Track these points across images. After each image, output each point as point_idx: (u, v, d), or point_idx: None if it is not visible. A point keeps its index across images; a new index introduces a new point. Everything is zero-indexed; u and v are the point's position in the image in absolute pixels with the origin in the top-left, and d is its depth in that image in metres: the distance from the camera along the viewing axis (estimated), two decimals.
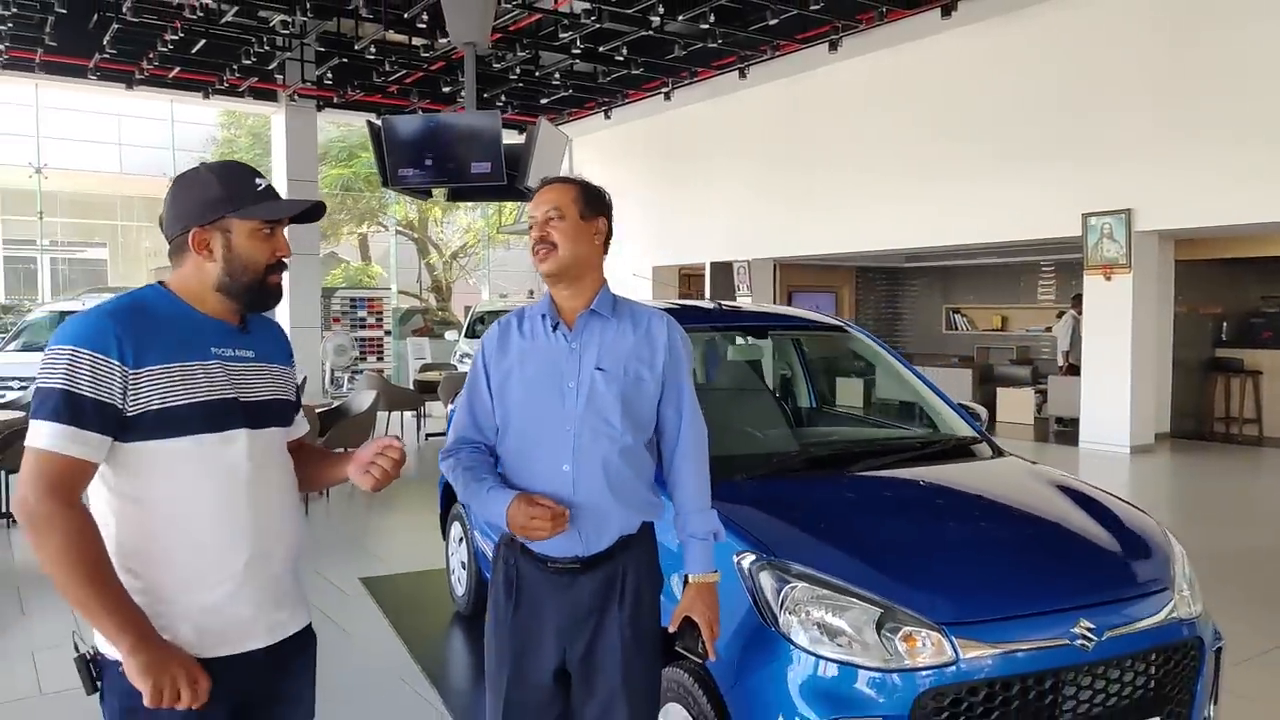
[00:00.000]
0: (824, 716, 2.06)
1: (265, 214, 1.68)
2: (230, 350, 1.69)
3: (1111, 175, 9.79)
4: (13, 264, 27.97)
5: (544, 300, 2.11)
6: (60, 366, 1.52)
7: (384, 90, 14.15)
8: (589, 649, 2.01)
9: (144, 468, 1.60)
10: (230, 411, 1.65)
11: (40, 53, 12.01)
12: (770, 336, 3.81)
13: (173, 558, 1.62)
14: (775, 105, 13.52)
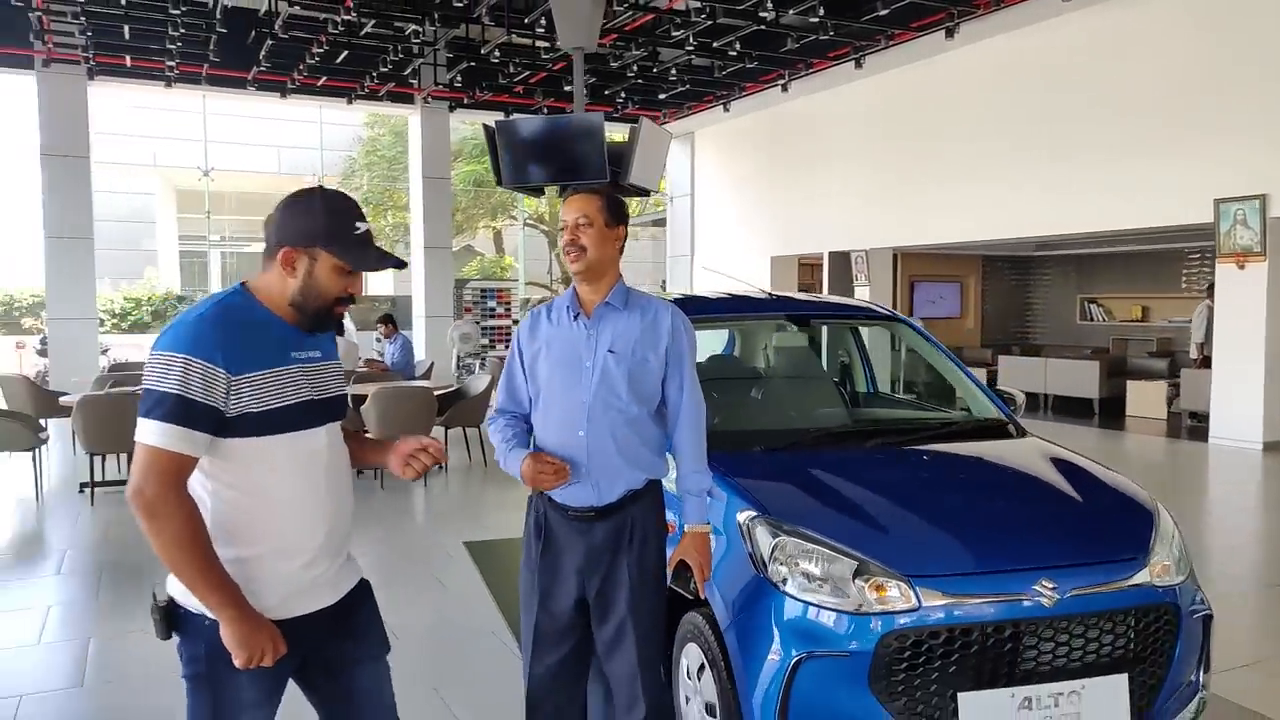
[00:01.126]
0: (802, 650, 2.37)
1: (350, 262, 1.87)
2: (304, 353, 1.89)
3: (1246, 159, 9.30)
4: (187, 258, 30.77)
5: (569, 293, 2.49)
6: (174, 373, 1.71)
7: (510, 90, 14.86)
8: (603, 584, 2.40)
9: (238, 459, 1.81)
10: (312, 410, 1.88)
11: (206, 67, 13.32)
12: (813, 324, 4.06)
13: (262, 535, 1.84)
14: (893, 94, 13.40)
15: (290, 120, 27.14)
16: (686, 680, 2.85)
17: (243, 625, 1.76)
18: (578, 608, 2.42)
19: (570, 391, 2.39)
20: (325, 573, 1.94)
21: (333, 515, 1.94)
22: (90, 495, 7.24)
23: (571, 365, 2.40)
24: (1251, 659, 4.08)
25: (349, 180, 28.07)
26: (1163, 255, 14.03)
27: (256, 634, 1.78)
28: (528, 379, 2.51)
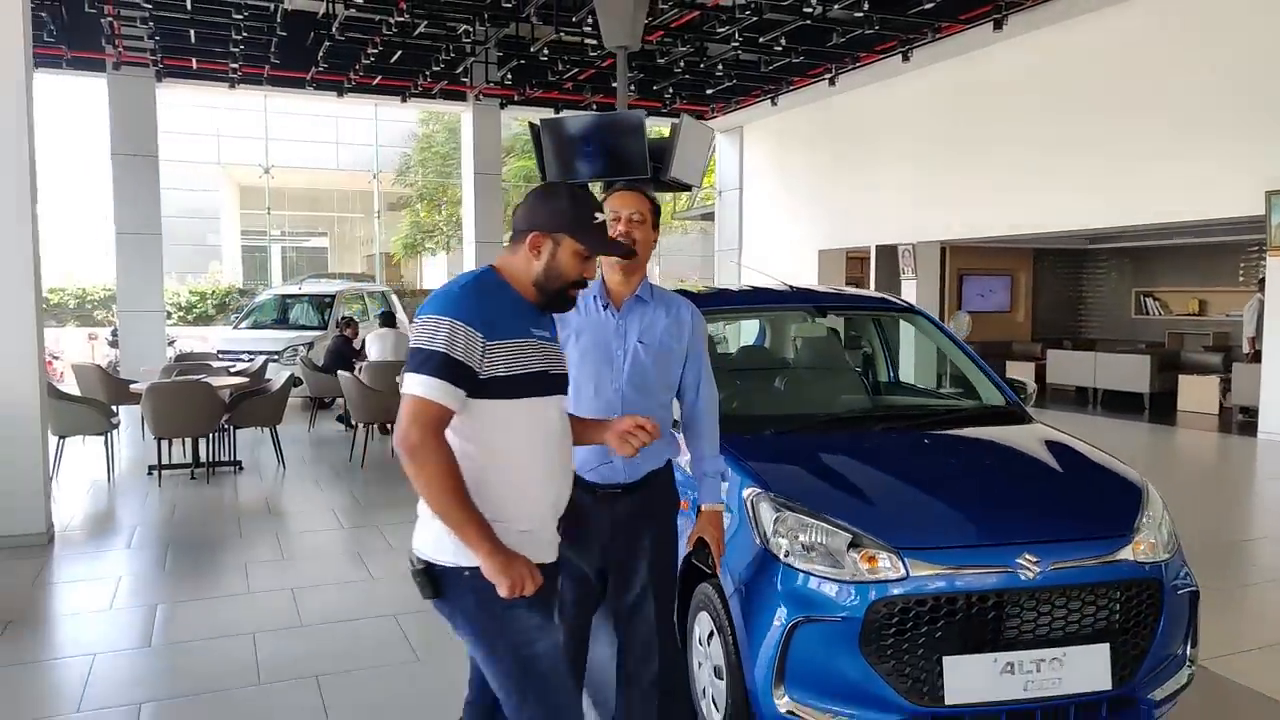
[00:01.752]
0: (798, 614, 2.54)
1: (590, 245, 2.09)
2: (541, 331, 2.10)
3: None
4: (249, 252, 31.69)
5: (597, 284, 2.63)
6: (441, 333, 1.92)
7: (559, 87, 15.11)
8: (626, 554, 2.60)
9: (483, 420, 1.99)
10: (546, 381, 2.07)
11: (267, 68, 13.79)
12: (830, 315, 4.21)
13: (504, 492, 2.01)
14: (942, 86, 13.33)
15: (347, 117, 27.73)
16: (698, 646, 3.04)
17: (499, 557, 1.93)
18: (597, 578, 2.61)
19: (603, 378, 2.56)
20: (550, 535, 2.13)
21: (560, 483, 2.13)
22: (158, 477, 7.66)
23: (603, 352, 2.57)
24: (1266, 641, 4.15)
25: (404, 176, 28.63)
26: (1220, 248, 13.73)
27: (513, 563, 1.94)
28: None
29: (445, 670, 3.83)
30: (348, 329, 11.10)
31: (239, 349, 12.59)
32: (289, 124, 26.85)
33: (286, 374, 8.93)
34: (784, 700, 2.55)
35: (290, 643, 4.17)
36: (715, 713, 2.90)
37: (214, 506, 6.93)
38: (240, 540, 5.96)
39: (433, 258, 31.84)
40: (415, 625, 4.33)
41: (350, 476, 8.01)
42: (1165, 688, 2.71)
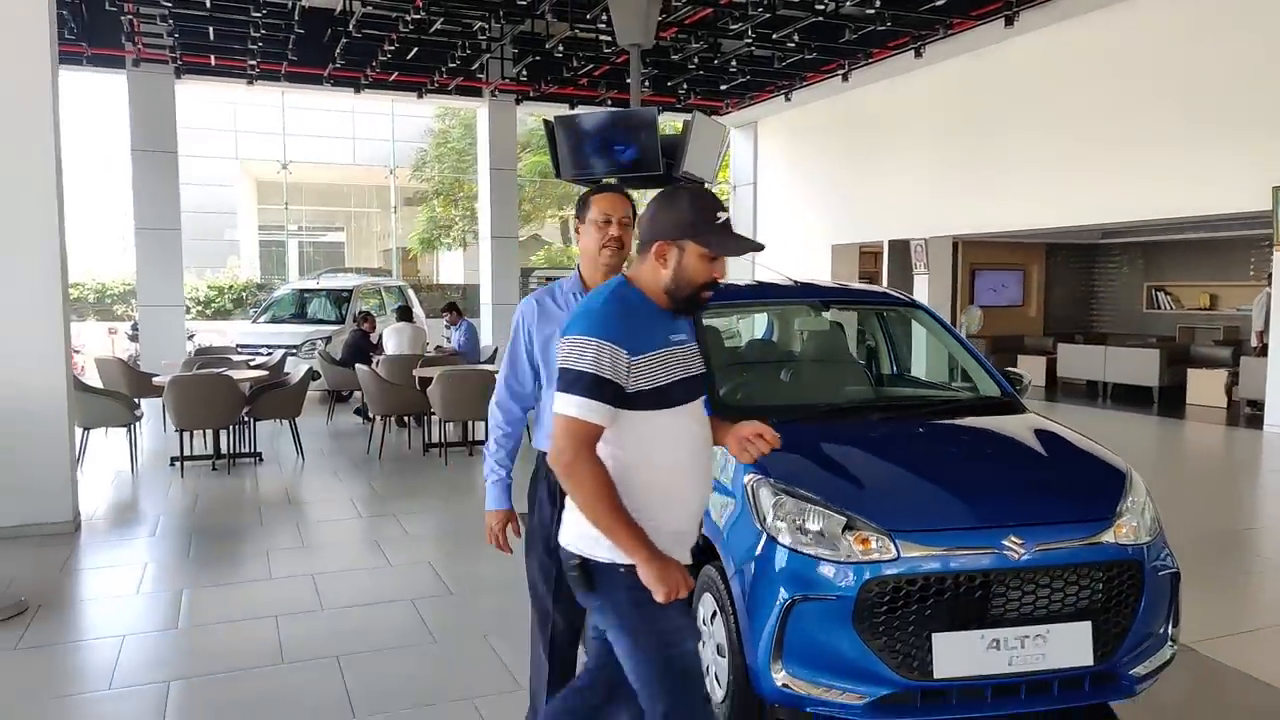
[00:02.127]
0: (795, 593, 2.67)
1: (714, 247, 2.12)
2: (676, 336, 2.17)
3: None
4: (266, 247, 31.99)
5: (575, 281, 2.74)
6: (589, 354, 2.01)
7: (574, 83, 15.23)
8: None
9: (631, 430, 2.08)
10: (686, 387, 2.14)
11: (285, 65, 13.97)
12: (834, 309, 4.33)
13: (655, 496, 2.09)
14: (954, 82, 13.36)
15: (363, 113, 27.88)
16: (702, 626, 3.17)
17: (656, 563, 2.02)
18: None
19: None
20: (689, 534, 2.22)
21: (704, 483, 2.22)
22: (180, 468, 7.83)
23: None
24: (1258, 625, 4.26)
25: (420, 171, 28.84)
26: (1231, 242, 13.70)
27: (669, 570, 2.04)
28: (540, 362, 2.71)
29: (462, 652, 3.98)
30: (365, 323, 11.28)
31: (258, 343, 12.78)
32: (306, 120, 27.04)
33: (305, 367, 9.10)
34: (781, 675, 2.68)
35: (311, 625, 4.31)
36: (718, 689, 3.03)
37: (235, 496, 7.10)
38: (261, 529, 6.12)
39: (449, 253, 32.06)
40: (432, 610, 4.48)
41: (368, 468, 8.18)
42: (1147, 665, 2.82)
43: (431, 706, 3.44)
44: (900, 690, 2.61)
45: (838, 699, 2.63)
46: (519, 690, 3.51)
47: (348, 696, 3.51)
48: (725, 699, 2.97)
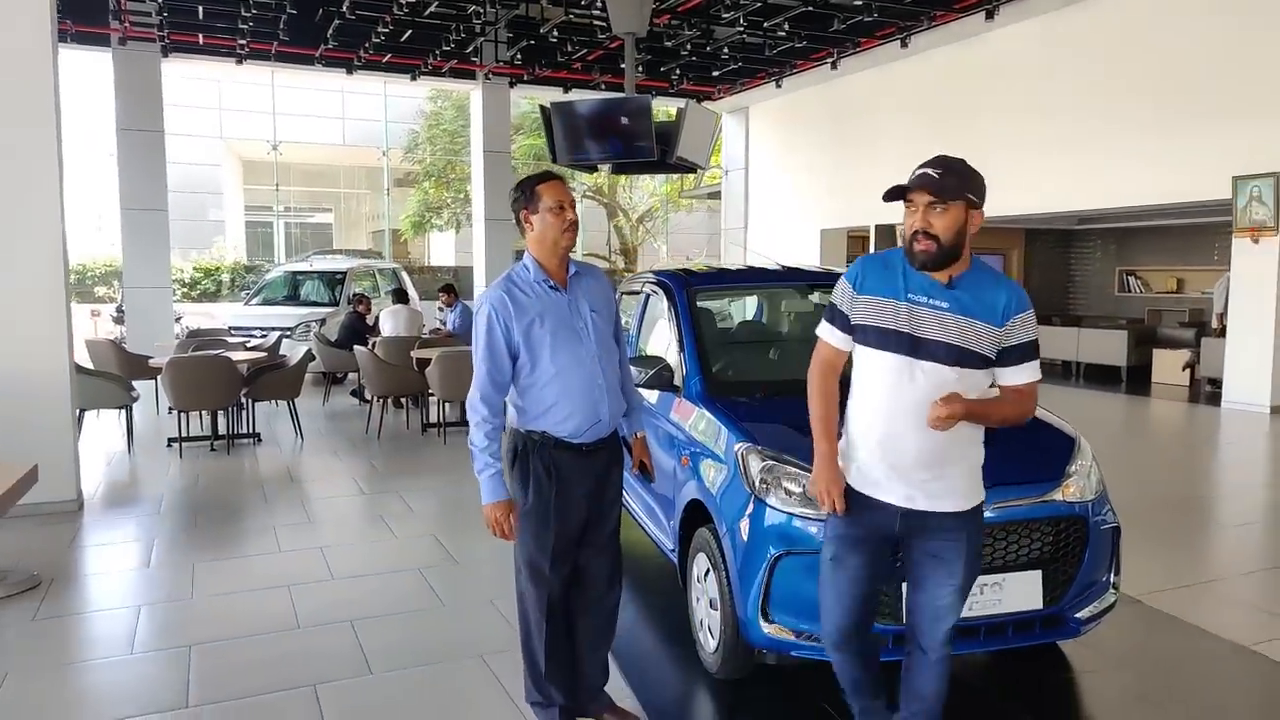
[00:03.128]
0: (780, 549, 2.94)
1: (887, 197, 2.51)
2: (930, 299, 2.36)
3: (1263, 138, 9.53)
4: (252, 228, 31.89)
5: (533, 269, 2.84)
6: (835, 290, 2.53)
7: (568, 67, 15.35)
8: (602, 501, 2.95)
9: (858, 361, 2.50)
10: (903, 341, 2.36)
11: (275, 45, 13.92)
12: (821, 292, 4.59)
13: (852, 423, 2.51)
14: (938, 72, 13.61)
15: (353, 93, 27.68)
16: (696, 583, 3.44)
17: (819, 464, 2.51)
18: (580, 526, 2.92)
19: (576, 353, 2.82)
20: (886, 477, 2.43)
21: (886, 424, 2.42)
22: (179, 449, 7.99)
23: (568, 330, 2.82)
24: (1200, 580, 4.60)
25: (412, 153, 28.85)
26: (1196, 229, 14.14)
27: (822, 474, 2.49)
28: (523, 350, 2.79)
29: (469, 615, 4.23)
30: (360, 305, 11.45)
31: (251, 325, 12.81)
32: (294, 99, 26.83)
33: (304, 349, 9.28)
34: (770, 624, 2.94)
35: (324, 593, 4.53)
36: (710, 639, 3.30)
37: (237, 476, 7.26)
38: (266, 506, 6.30)
39: (440, 235, 32.10)
40: (439, 578, 4.72)
41: (367, 447, 8.38)
42: (1091, 609, 3.13)
43: (444, 663, 3.68)
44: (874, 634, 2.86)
45: (819, 644, 2.89)
46: None
47: (364, 655, 3.75)
48: (717, 648, 3.24)
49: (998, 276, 2.48)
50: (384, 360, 9.03)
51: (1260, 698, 3.42)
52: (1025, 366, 2.41)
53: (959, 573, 2.46)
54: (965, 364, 2.36)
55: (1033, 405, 2.46)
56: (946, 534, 2.45)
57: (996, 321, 2.37)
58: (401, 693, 3.42)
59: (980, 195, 2.48)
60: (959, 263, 2.42)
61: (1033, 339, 2.41)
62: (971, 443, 2.47)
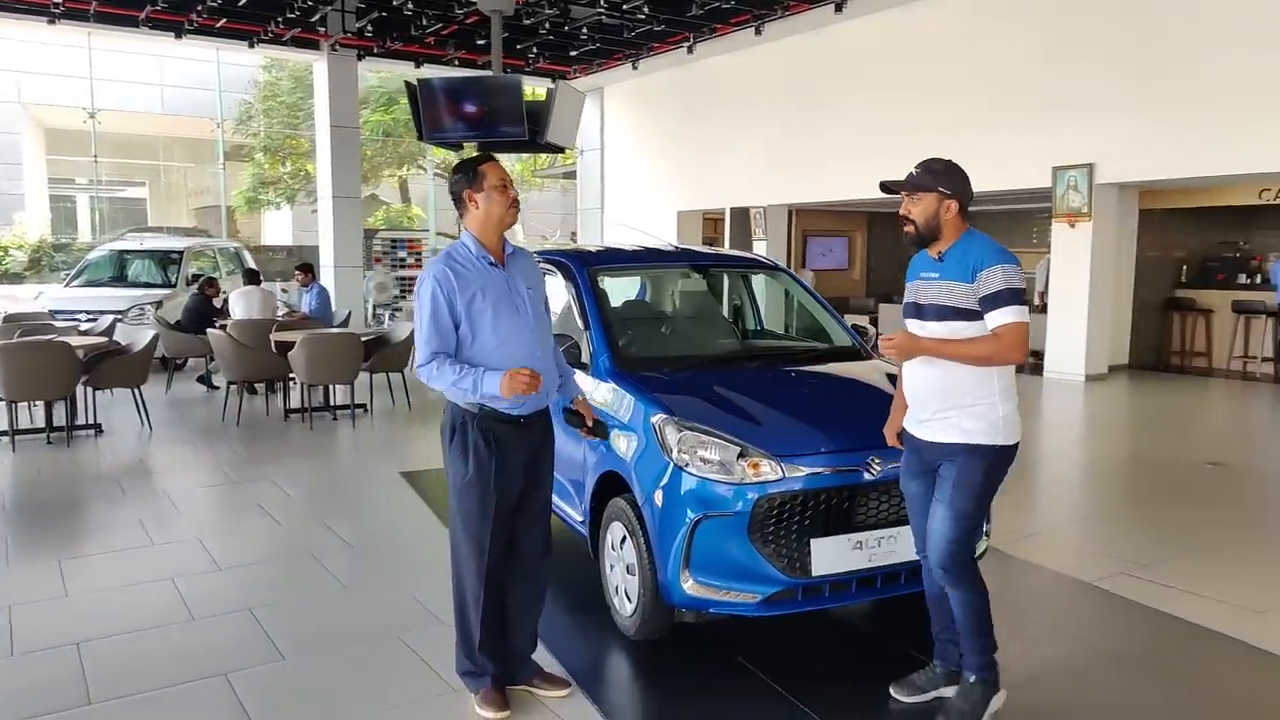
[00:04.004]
0: (700, 512, 3.15)
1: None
2: (929, 274, 2.96)
3: (1079, 132, 10.59)
4: (57, 202, 29.09)
5: (473, 246, 2.96)
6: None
7: (421, 41, 14.98)
8: (538, 469, 3.10)
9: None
10: (910, 309, 3.01)
11: (94, 3, 12.79)
12: (713, 273, 4.87)
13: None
14: (790, 60, 14.21)
15: (173, 57, 25.68)
16: (611, 551, 3.61)
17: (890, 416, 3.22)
18: (517, 495, 3.05)
19: (516, 324, 2.96)
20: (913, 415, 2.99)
21: (907, 372, 2.99)
22: (11, 443, 7.39)
23: (508, 304, 2.96)
24: (1039, 530, 5.19)
25: (244, 125, 27.28)
26: (1020, 214, 15.51)
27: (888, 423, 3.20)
28: (465, 322, 2.90)
29: (377, 597, 4.23)
30: (209, 288, 10.86)
31: (75, 308, 11.82)
32: (103, 62, 24.55)
33: (150, 333, 8.74)
34: (690, 583, 3.16)
35: (213, 584, 4.40)
36: (627, 604, 3.48)
37: (85, 469, 6.81)
38: (126, 498, 5.97)
39: (277, 212, 30.54)
40: (334, 561, 4.68)
41: (227, 435, 8.03)
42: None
43: (360, 643, 3.67)
44: (786, 588, 3.15)
45: (736, 599, 3.15)
46: (440, 624, 3.82)
47: (271, 641, 3.70)
48: (635, 611, 3.43)
49: (980, 244, 2.91)
50: (242, 344, 8.64)
51: (1111, 628, 3.90)
52: (996, 312, 2.78)
53: (950, 495, 2.85)
54: (948, 319, 2.85)
55: (1008, 345, 2.78)
56: (950, 461, 2.88)
57: (968, 279, 2.82)
58: (323, 675, 3.41)
59: (954, 188, 2.91)
60: (944, 240, 2.92)
61: (999, 289, 2.78)
62: (973, 391, 2.84)
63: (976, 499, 2.86)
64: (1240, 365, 11.64)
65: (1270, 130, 9.07)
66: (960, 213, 2.90)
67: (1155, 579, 4.33)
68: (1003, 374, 2.88)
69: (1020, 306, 2.76)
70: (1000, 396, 2.86)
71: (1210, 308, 12.10)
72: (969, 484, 2.84)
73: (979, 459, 2.84)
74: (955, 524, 2.84)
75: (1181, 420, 9.24)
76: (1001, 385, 2.87)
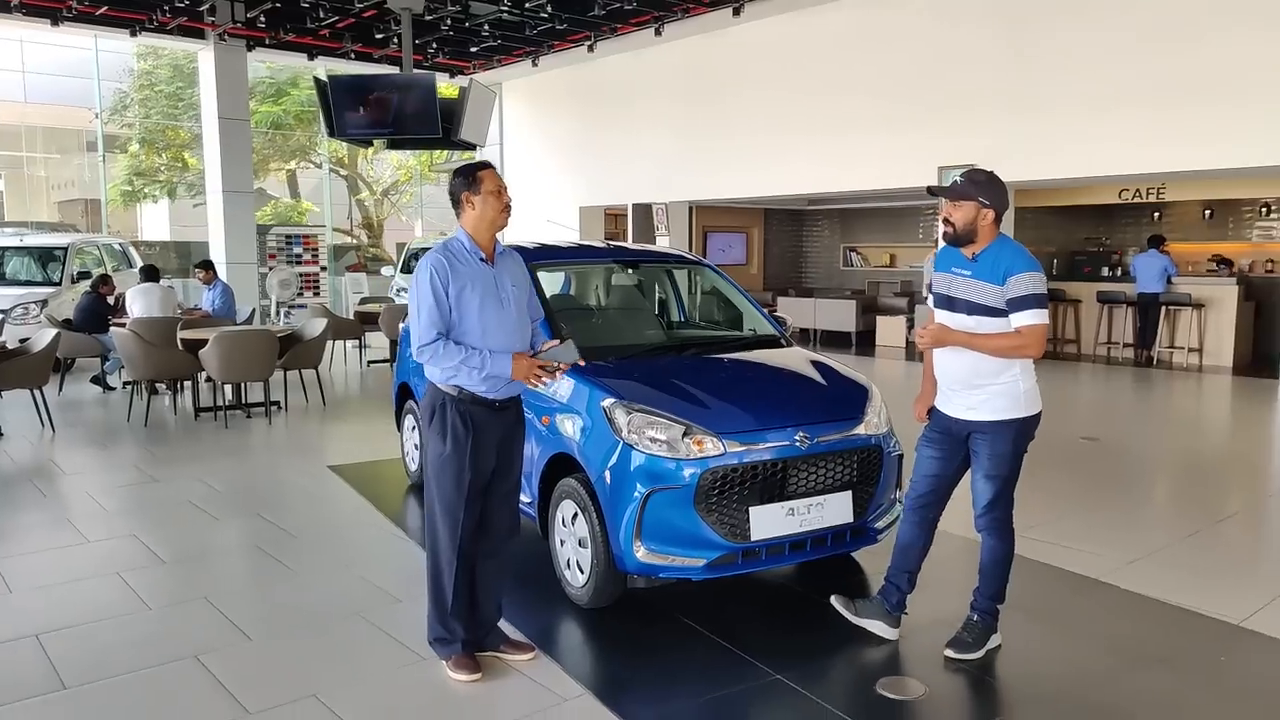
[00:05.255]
0: (650, 486, 3.49)
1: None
2: (961, 270, 3.29)
3: (961, 134, 11.41)
4: None
5: (468, 243, 3.23)
6: (924, 273, 3.14)
7: (315, 34, 14.73)
8: (511, 450, 3.36)
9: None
10: (942, 300, 3.41)
11: None
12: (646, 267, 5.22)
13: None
14: (690, 61, 14.66)
15: (34, 42, 24.28)
16: (561, 527, 3.91)
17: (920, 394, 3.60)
18: (489, 474, 3.31)
19: (500, 317, 3.21)
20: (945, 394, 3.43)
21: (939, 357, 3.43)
22: None
23: (494, 298, 3.22)
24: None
25: (118, 115, 26.03)
26: (908, 211, 16.46)
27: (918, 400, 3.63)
28: (453, 309, 3.14)
29: (326, 580, 4.39)
30: (104, 286, 10.52)
31: None
32: None
33: (53, 332, 8.46)
34: (641, 551, 3.49)
35: (160, 575, 4.46)
36: (580, 575, 3.79)
37: None
38: (47, 499, 5.89)
39: (155, 206, 29.22)
40: (282, 550, 4.80)
41: (135, 435, 7.89)
42: (885, 520, 3.99)
43: (325, 622, 3.85)
44: (728, 552, 3.53)
45: (684, 564, 3.51)
46: (398, 602, 4.03)
47: (234, 624, 3.83)
48: (588, 581, 3.74)
49: (1011, 250, 3.26)
50: (148, 342, 8.47)
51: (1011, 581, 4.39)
52: (1020, 314, 3.17)
53: (985, 464, 3.34)
54: (978, 314, 3.25)
55: (1030, 341, 3.17)
56: (981, 435, 3.33)
57: (999, 282, 3.20)
58: (292, 653, 3.58)
59: (991, 199, 3.26)
60: (978, 243, 3.28)
61: (1026, 293, 3.16)
62: (997, 374, 3.27)
63: (1010, 464, 3.35)
64: (1105, 350, 12.74)
65: (1124, 135, 10.05)
66: (995, 221, 3.28)
67: (1044, 538, 4.89)
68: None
69: (1042, 310, 3.18)
70: (1021, 373, 3.32)
71: (1078, 298, 13.17)
72: (1001, 454, 3.32)
73: (1007, 430, 3.31)
74: (993, 487, 3.35)
75: (1058, 401, 10.09)
76: (1022, 365, 3.32)
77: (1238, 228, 13.28)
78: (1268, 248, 12.75)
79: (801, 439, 3.63)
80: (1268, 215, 12.79)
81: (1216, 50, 9.40)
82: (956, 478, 3.51)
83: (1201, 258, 13.14)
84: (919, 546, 3.51)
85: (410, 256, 17.44)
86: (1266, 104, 9.07)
